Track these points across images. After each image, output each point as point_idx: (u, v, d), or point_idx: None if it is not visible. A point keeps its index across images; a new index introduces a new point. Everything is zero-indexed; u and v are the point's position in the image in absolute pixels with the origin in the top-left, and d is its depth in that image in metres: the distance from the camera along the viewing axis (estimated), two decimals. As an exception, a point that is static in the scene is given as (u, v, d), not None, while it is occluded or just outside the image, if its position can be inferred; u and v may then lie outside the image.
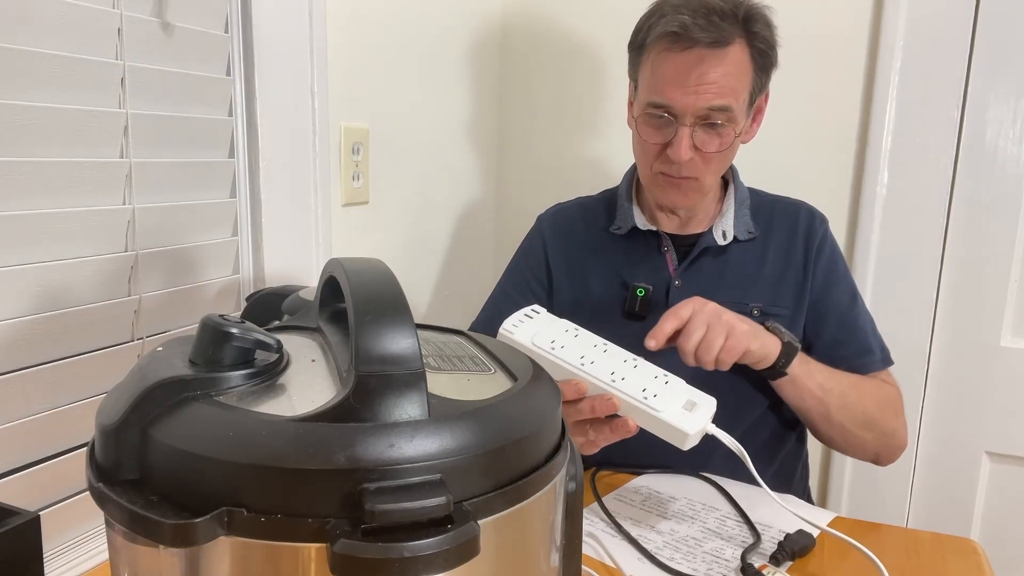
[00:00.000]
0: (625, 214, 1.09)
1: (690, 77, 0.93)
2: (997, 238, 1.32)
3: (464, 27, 1.45)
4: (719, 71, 0.93)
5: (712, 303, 0.88)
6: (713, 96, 0.93)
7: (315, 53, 1.03)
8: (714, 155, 0.97)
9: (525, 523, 0.38)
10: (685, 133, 0.95)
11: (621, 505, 0.89)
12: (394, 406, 0.35)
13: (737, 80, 0.95)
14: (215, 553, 0.33)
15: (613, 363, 0.79)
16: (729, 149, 0.99)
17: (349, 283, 0.40)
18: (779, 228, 1.07)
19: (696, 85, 0.93)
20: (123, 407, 0.36)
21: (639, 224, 1.07)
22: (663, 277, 1.06)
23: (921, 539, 0.83)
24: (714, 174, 1.01)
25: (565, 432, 0.44)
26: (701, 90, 0.93)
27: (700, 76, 0.93)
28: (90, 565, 0.76)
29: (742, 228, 1.06)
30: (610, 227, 1.10)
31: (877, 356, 1.04)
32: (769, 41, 0.97)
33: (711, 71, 0.93)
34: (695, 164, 0.97)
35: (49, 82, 0.72)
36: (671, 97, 0.95)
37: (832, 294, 1.05)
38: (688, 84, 0.93)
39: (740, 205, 1.07)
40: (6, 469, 0.71)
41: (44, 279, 0.73)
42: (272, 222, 0.99)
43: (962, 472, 1.39)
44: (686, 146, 0.95)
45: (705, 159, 0.97)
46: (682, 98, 0.94)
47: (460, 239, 1.52)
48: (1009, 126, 1.29)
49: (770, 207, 1.09)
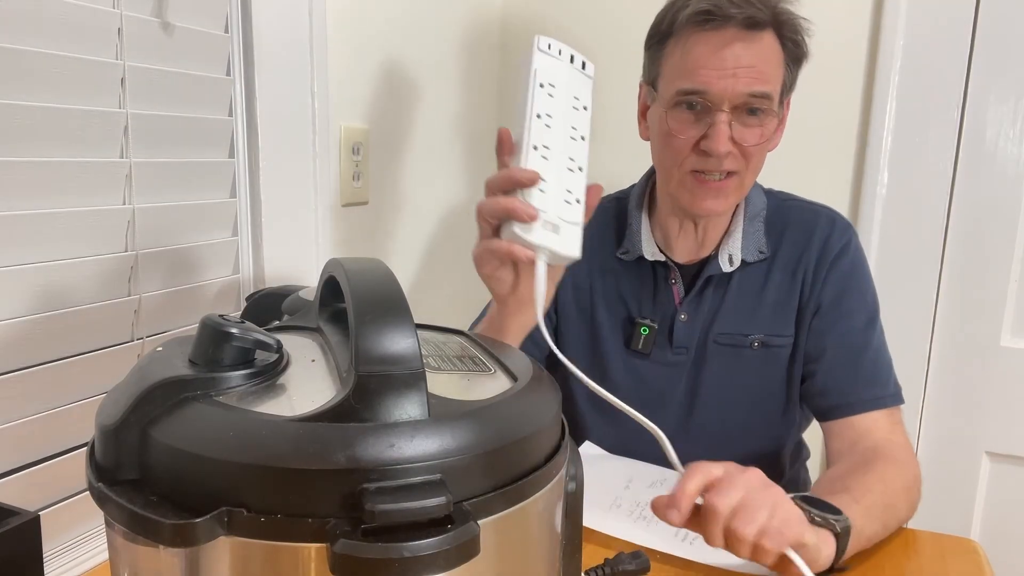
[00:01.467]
0: (634, 238, 1.00)
1: (726, 59, 0.84)
2: (997, 238, 1.32)
3: (464, 27, 1.45)
4: (755, 54, 0.85)
5: (754, 470, 0.69)
6: (752, 80, 0.85)
7: (315, 53, 1.03)
8: (753, 150, 0.88)
9: (525, 523, 0.38)
10: (722, 120, 0.85)
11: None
12: (394, 406, 0.35)
13: (773, 67, 0.87)
14: (215, 553, 0.33)
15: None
16: (768, 144, 0.91)
17: (349, 283, 0.40)
18: (791, 242, 0.97)
19: (734, 67, 0.84)
20: (123, 407, 0.36)
21: (647, 255, 0.99)
22: (668, 310, 0.99)
23: (921, 539, 0.83)
24: (752, 173, 0.91)
25: (565, 432, 0.44)
26: (740, 73, 0.84)
27: (737, 58, 0.84)
28: (90, 565, 0.76)
29: (752, 248, 0.97)
30: (618, 251, 1.02)
31: (889, 390, 0.93)
32: (798, 29, 0.89)
33: (747, 53, 0.85)
34: (735, 159, 0.88)
35: (49, 82, 0.72)
36: (706, 81, 0.85)
37: (843, 308, 0.95)
38: (725, 66, 0.84)
39: (752, 220, 0.98)
40: (6, 469, 0.71)
41: (44, 279, 0.73)
42: (272, 222, 0.99)
43: (962, 472, 1.39)
44: (724, 135, 0.85)
45: (745, 154, 0.88)
46: (719, 81, 0.85)
47: (460, 239, 1.52)
48: (1009, 126, 1.29)
49: (787, 216, 0.99)
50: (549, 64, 0.76)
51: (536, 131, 0.74)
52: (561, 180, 0.74)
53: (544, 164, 0.74)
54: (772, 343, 0.96)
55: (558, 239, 0.73)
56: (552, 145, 0.75)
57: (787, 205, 1.01)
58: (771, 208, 0.99)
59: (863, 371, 0.94)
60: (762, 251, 0.97)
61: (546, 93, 0.75)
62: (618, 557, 0.68)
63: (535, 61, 0.75)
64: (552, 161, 0.74)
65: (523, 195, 0.72)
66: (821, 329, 0.95)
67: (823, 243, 0.96)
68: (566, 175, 0.75)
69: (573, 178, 0.75)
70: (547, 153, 0.74)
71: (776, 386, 0.98)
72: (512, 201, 0.71)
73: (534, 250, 0.72)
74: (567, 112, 0.76)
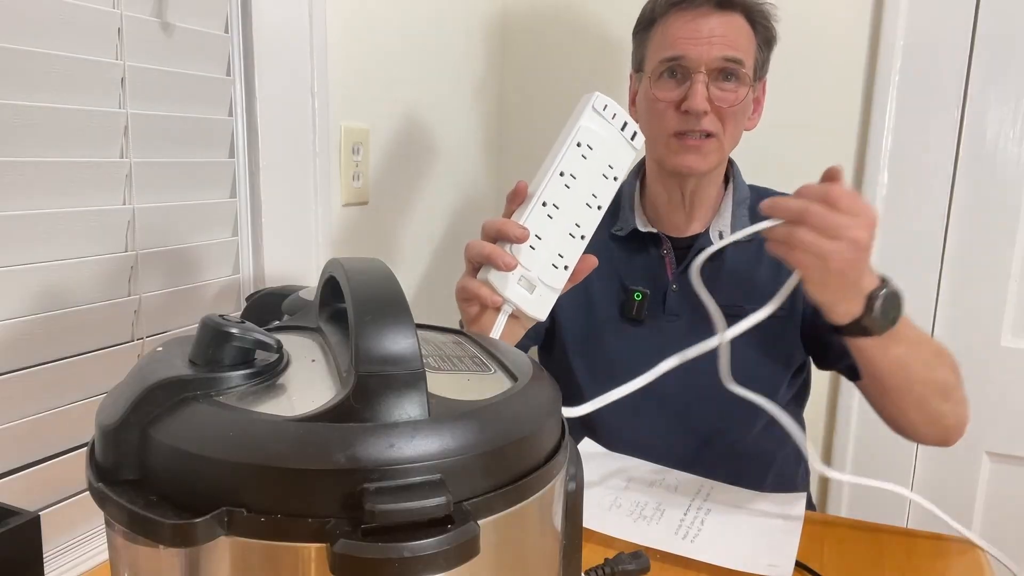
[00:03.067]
0: (627, 215, 1.09)
1: (702, 30, 0.97)
2: (997, 238, 1.32)
3: (465, 27, 1.45)
4: (727, 26, 0.97)
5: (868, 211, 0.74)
6: (725, 47, 0.96)
7: (315, 53, 1.03)
8: (729, 112, 0.97)
9: (525, 523, 0.38)
10: (700, 80, 0.96)
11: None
12: (394, 406, 0.35)
13: (745, 40, 0.99)
14: (215, 553, 0.33)
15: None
16: (741, 112, 1.00)
17: (349, 283, 0.40)
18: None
19: (708, 36, 0.96)
20: (123, 407, 0.36)
21: (639, 226, 1.07)
22: (661, 281, 1.06)
23: (921, 539, 0.83)
24: (730, 136, 1.00)
25: (565, 432, 0.44)
26: (714, 40, 0.96)
27: (711, 29, 0.96)
28: (90, 565, 0.76)
29: (739, 229, 1.03)
30: (612, 228, 1.10)
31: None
32: (767, 14, 1.01)
33: (719, 25, 0.97)
34: (712, 120, 0.97)
35: (49, 82, 0.72)
36: (684, 47, 0.97)
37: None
38: (700, 35, 0.96)
39: (739, 204, 1.06)
40: (6, 469, 0.71)
41: (44, 279, 0.73)
42: (272, 222, 0.99)
43: (962, 472, 1.39)
44: (701, 94, 0.95)
45: (722, 115, 0.98)
46: (695, 47, 0.96)
47: (460, 239, 1.52)
48: (1009, 126, 1.29)
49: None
50: (597, 126, 0.74)
51: (552, 188, 0.73)
52: (557, 242, 0.74)
53: (546, 223, 0.74)
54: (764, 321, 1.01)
55: (529, 298, 0.73)
56: (563, 206, 0.74)
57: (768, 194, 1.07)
58: (754, 198, 1.07)
59: None
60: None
61: (580, 154, 0.74)
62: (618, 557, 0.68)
63: (583, 119, 0.74)
64: (556, 221, 0.74)
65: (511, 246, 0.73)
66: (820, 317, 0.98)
67: None
68: (564, 239, 0.74)
69: (570, 244, 0.75)
70: (554, 212, 0.74)
71: (771, 356, 1.03)
72: (495, 249, 0.73)
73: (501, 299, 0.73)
74: (594, 178, 0.75)
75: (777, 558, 0.74)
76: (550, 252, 0.74)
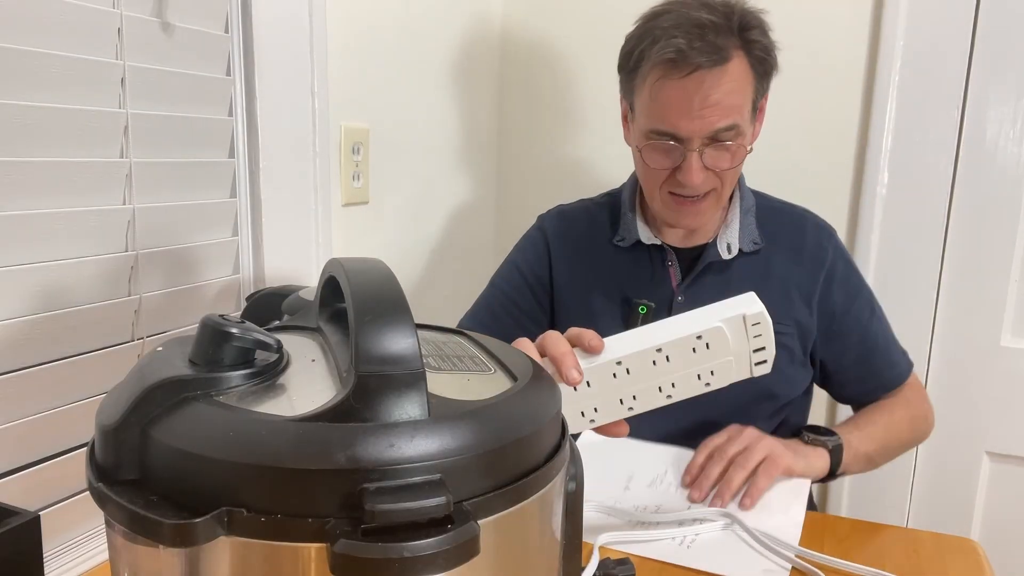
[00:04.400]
0: (629, 225, 1.06)
1: (693, 102, 0.89)
2: (997, 238, 1.32)
3: (464, 27, 1.45)
4: (722, 90, 0.90)
5: (751, 428, 0.90)
6: (719, 118, 0.90)
7: (315, 53, 1.03)
8: (727, 171, 0.95)
9: (525, 523, 0.38)
10: (694, 158, 0.92)
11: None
12: (394, 406, 0.35)
13: (741, 95, 0.92)
14: (215, 553, 0.33)
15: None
16: (741, 162, 0.97)
17: (349, 283, 0.40)
18: (785, 242, 1.03)
19: (700, 109, 0.89)
20: (123, 407, 0.36)
21: (643, 238, 1.04)
22: (666, 293, 1.03)
23: (921, 539, 0.83)
24: (729, 186, 0.98)
25: (565, 432, 0.44)
26: (706, 113, 0.90)
27: (703, 99, 0.89)
28: (90, 565, 0.76)
29: (747, 239, 1.02)
30: (614, 239, 1.07)
31: (903, 366, 1.05)
32: (767, 47, 0.93)
33: (713, 92, 0.89)
34: (710, 181, 0.95)
35: (49, 82, 0.72)
36: (675, 125, 0.91)
37: (852, 312, 1.03)
38: (692, 110, 0.90)
39: (746, 213, 1.03)
40: (6, 469, 0.71)
41: (44, 279, 0.73)
42: (272, 222, 0.99)
43: (962, 472, 1.39)
44: (697, 170, 0.92)
45: (720, 175, 0.95)
46: (688, 125, 0.90)
47: (460, 239, 1.52)
48: (1009, 126, 1.29)
49: (776, 216, 1.06)
50: (731, 334, 0.66)
51: (638, 357, 0.66)
52: (601, 400, 0.67)
53: (606, 379, 0.67)
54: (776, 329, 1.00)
55: None
56: (635, 377, 0.67)
57: (773, 205, 1.08)
58: (759, 206, 1.06)
59: (879, 363, 1.04)
60: (756, 242, 1.03)
61: (692, 347, 0.66)
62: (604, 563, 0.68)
63: (724, 321, 0.66)
64: (617, 383, 0.67)
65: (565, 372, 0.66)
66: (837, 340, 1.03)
67: (815, 250, 1.04)
68: (611, 401, 0.67)
69: (611, 407, 0.68)
70: (620, 374, 0.67)
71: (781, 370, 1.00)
72: (569, 357, 0.67)
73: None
74: (685, 373, 0.67)
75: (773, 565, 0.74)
76: (588, 401, 0.68)
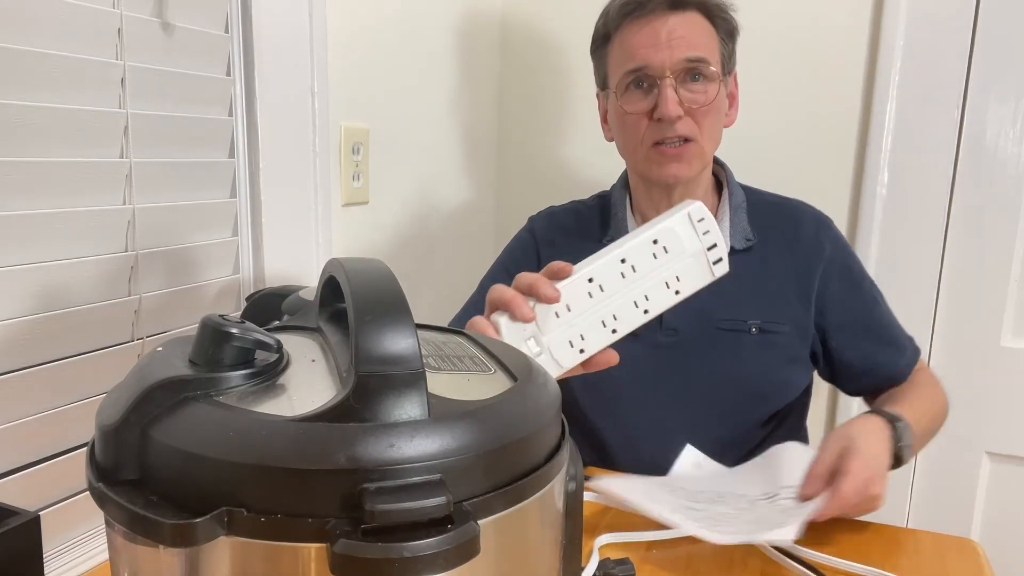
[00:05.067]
0: (619, 224, 1.05)
1: (659, 33, 0.94)
2: (997, 238, 1.32)
3: (464, 27, 1.45)
4: (686, 27, 0.94)
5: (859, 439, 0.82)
6: (687, 48, 0.93)
7: (315, 53, 1.03)
8: (702, 112, 0.95)
9: (525, 523, 0.38)
10: (668, 85, 0.93)
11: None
12: (394, 406, 0.35)
13: (706, 37, 0.96)
14: (215, 553, 0.33)
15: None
16: (716, 111, 0.96)
17: (349, 283, 0.40)
18: (779, 236, 1.02)
19: (668, 39, 0.93)
20: (123, 407, 0.36)
21: None
22: None
23: (921, 539, 0.83)
24: (709, 138, 0.97)
25: (565, 432, 0.44)
26: (674, 43, 0.93)
27: (669, 31, 0.94)
28: (90, 565, 0.76)
29: (739, 236, 1.01)
30: (603, 238, 1.06)
31: (909, 353, 1.03)
32: (723, 6, 0.98)
33: (678, 26, 0.94)
34: (688, 123, 0.94)
35: (49, 82, 0.72)
36: (645, 56, 0.94)
37: (856, 305, 1.02)
38: (659, 40, 0.94)
39: (736, 210, 1.02)
40: (6, 469, 0.71)
41: (44, 279, 0.73)
42: (272, 222, 0.99)
43: (962, 472, 1.39)
44: (672, 99, 0.93)
45: (697, 117, 0.95)
46: (656, 54, 0.93)
47: (460, 239, 1.52)
48: (1009, 126, 1.29)
49: (769, 209, 1.05)
50: (682, 232, 0.68)
51: (605, 269, 0.68)
52: (585, 323, 0.68)
53: (582, 299, 0.67)
54: (770, 328, 0.99)
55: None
56: (608, 292, 0.68)
57: (765, 199, 1.07)
58: (750, 202, 1.04)
59: (886, 353, 1.02)
60: (749, 238, 1.01)
61: (651, 252, 0.68)
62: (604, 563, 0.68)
63: (671, 220, 0.68)
64: (594, 302, 0.68)
65: (537, 305, 0.67)
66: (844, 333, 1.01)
67: (812, 243, 1.02)
68: (594, 324, 0.68)
69: (597, 332, 0.68)
70: (596, 293, 0.68)
71: (774, 371, 1.00)
72: (518, 296, 0.68)
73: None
74: (654, 282, 0.68)
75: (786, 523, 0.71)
76: (573, 328, 0.68)
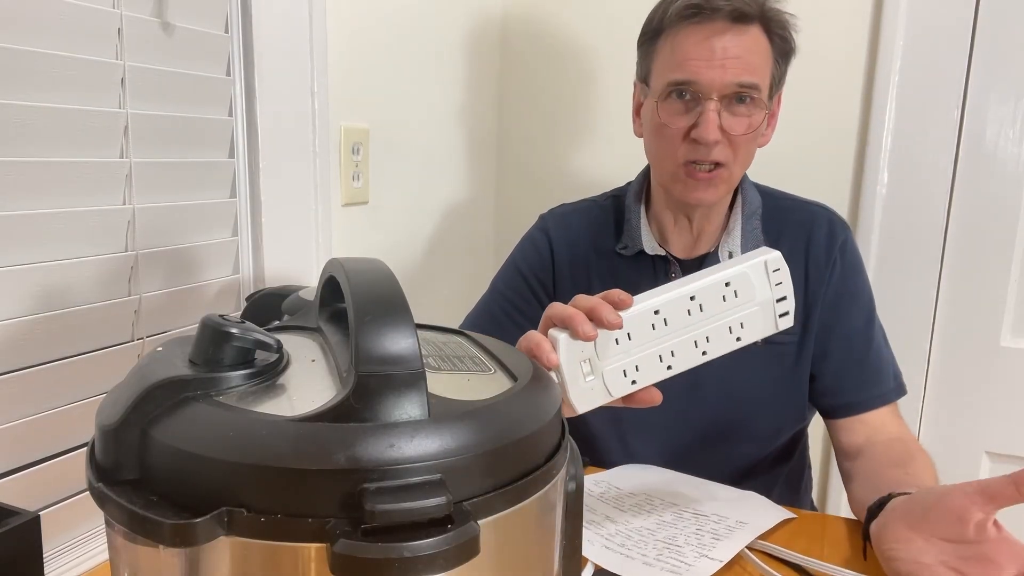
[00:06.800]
0: (633, 233, 1.02)
1: (715, 49, 0.87)
2: (997, 238, 1.32)
3: (464, 27, 1.45)
4: (743, 46, 0.88)
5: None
6: (741, 71, 0.88)
7: (315, 53, 1.03)
8: (741, 140, 0.90)
9: (525, 523, 0.38)
10: (712, 108, 0.88)
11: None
12: (394, 406, 0.35)
13: (761, 59, 0.90)
14: (215, 553, 0.33)
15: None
16: (754, 137, 0.93)
17: (349, 283, 0.40)
18: (789, 241, 0.99)
19: (722, 58, 0.87)
20: (123, 407, 0.36)
21: (647, 248, 1.00)
22: None
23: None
24: (740, 165, 0.94)
25: (565, 432, 0.44)
26: (728, 64, 0.87)
27: (724, 49, 0.87)
28: (90, 565, 0.76)
29: (751, 246, 0.98)
30: (617, 246, 1.03)
31: (889, 386, 0.97)
32: (785, 24, 0.92)
33: (735, 45, 0.87)
34: (723, 149, 0.90)
35: (49, 82, 0.72)
36: (696, 71, 0.88)
37: (842, 310, 0.98)
38: (713, 57, 0.87)
39: (749, 218, 0.99)
40: (6, 469, 0.71)
41: (44, 279, 0.73)
42: (272, 222, 0.99)
43: (962, 472, 1.39)
44: (713, 123, 0.88)
45: (733, 144, 0.90)
46: (708, 71, 0.87)
47: (460, 239, 1.52)
48: (1009, 126, 1.29)
49: (784, 215, 1.01)
50: (756, 280, 0.66)
51: (673, 303, 0.65)
52: (643, 356, 0.65)
53: (645, 330, 0.65)
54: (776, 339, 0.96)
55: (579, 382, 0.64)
56: (672, 329, 0.65)
57: (783, 204, 1.03)
58: (767, 207, 1.01)
59: (868, 371, 0.97)
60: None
61: (721, 294, 0.66)
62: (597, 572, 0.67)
63: (747, 266, 0.66)
64: (656, 335, 0.65)
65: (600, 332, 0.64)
66: (825, 331, 0.98)
67: (824, 243, 0.99)
68: (651, 357, 0.65)
69: (653, 366, 0.66)
70: (659, 325, 0.65)
71: (780, 383, 0.99)
72: (580, 314, 0.65)
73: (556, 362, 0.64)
74: (717, 326, 0.66)
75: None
76: (630, 358, 0.65)
